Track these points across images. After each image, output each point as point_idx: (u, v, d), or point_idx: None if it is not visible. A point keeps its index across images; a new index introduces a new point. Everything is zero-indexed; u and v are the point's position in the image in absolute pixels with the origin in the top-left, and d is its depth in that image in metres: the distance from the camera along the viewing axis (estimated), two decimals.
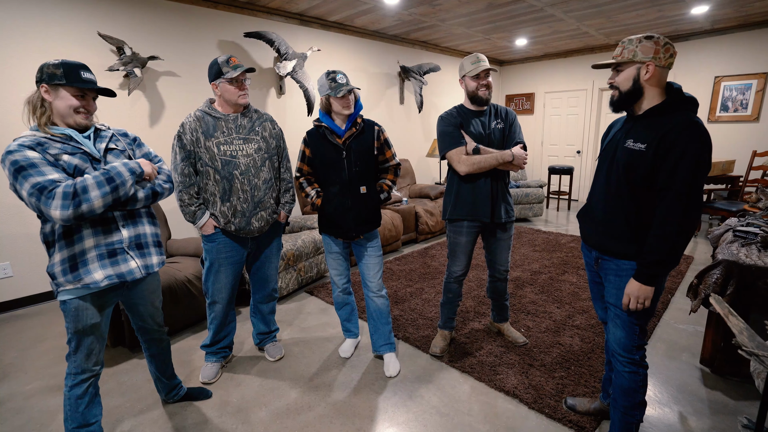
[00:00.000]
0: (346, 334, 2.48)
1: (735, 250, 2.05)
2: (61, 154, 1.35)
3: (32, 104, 1.37)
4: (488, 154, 2.04)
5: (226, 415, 1.91)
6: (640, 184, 1.35)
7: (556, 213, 6.27)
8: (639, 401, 1.49)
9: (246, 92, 1.96)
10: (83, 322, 1.45)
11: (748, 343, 1.24)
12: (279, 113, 4.43)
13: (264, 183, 2.04)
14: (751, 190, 5.08)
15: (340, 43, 4.85)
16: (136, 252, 1.52)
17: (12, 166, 1.26)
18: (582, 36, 5.46)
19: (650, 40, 1.31)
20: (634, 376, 1.47)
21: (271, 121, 2.12)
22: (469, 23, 4.75)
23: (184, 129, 1.92)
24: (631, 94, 1.38)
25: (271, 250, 2.23)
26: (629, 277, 1.42)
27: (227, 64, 1.89)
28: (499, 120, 2.14)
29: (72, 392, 1.49)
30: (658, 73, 1.33)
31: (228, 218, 1.99)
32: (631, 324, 1.44)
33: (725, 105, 5.34)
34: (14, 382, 2.18)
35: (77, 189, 1.29)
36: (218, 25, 3.81)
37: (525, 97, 7.34)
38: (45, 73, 1.34)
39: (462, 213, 2.15)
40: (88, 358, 1.50)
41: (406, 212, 4.52)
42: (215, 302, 2.12)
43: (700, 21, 4.80)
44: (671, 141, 1.26)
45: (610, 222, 1.46)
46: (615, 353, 1.50)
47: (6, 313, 3.03)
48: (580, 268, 3.72)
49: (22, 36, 2.88)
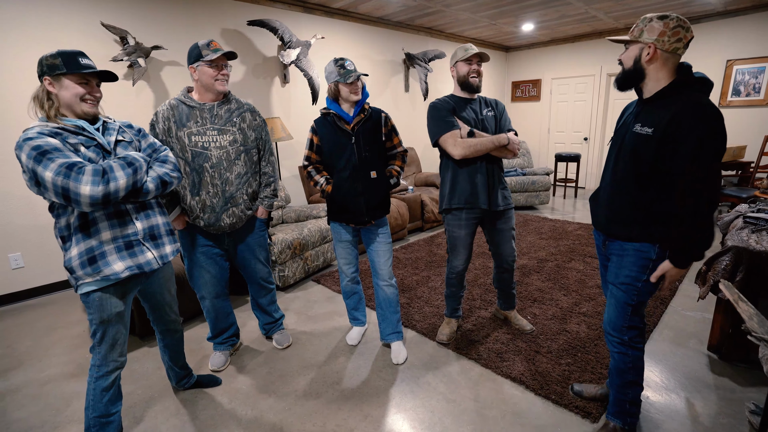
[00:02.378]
0: (353, 322, 2.49)
1: (745, 237, 2.02)
2: (79, 145, 1.36)
3: (39, 99, 1.36)
4: (484, 138, 2.04)
5: (236, 401, 1.95)
6: (645, 168, 1.34)
7: (563, 200, 6.23)
8: (629, 381, 1.52)
9: (224, 78, 1.88)
10: (108, 311, 1.47)
11: (758, 328, 1.23)
12: (283, 102, 4.41)
13: (237, 177, 1.94)
14: (762, 176, 5.00)
15: (344, 30, 4.79)
16: (150, 243, 1.54)
17: (34, 150, 1.24)
18: (590, 20, 5.35)
19: (662, 20, 1.27)
20: (623, 357, 1.50)
21: (251, 112, 2.02)
22: (475, 8, 4.67)
23: (156, 118, 1.87)
24: (631, 74, 1.36)
25: (251, 244, 2.14)
26: (630, 257, 1.43)
27: (207, 47, 1.82)
28: (490, 108, 2.16)
29: (97, 384, 1.52)
30: (659, 57, 1.29)
31: (196, 213, 1.92)
32: (625, 304, 1.45)
33: (737, 89, 5.23)
34: (30, 369, 2.24)
35: (105, 168, 1.31)
36: (221, 13, 3.78)
37: (531, 83, 7.23)
38: (45, 65, 1.33)
39: (460, 201, 2.12)
40: (113, 348, 1.52)
41: (412, 200, 4.52)
42: (203, 297, 2.12)
43: (712, 2, 4.67)
44: (678, 125, 1.23)
45: (615, 205, 1.46)
46: (606, 331, 1.54)
47: (19, 303, 3.08)
48: (586, 255, 3.70)
49: (24, 26, 2.87)
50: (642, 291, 1.43)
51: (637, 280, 1.43)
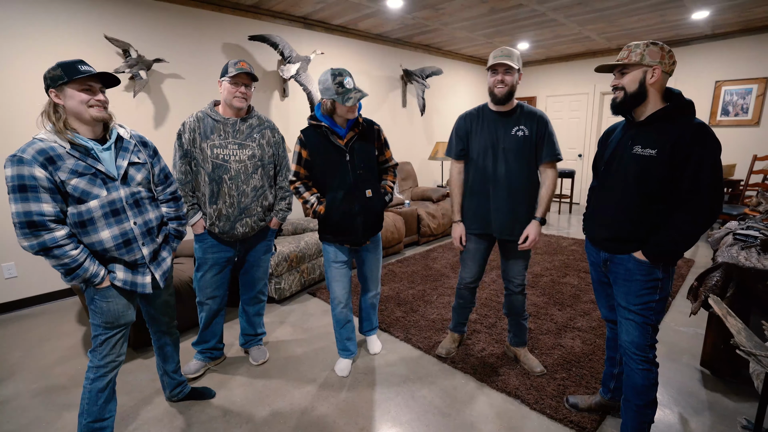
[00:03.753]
0: (343, 353, 2.25)
1: (735, 253, 2.07)
2: (71, 179, 1.35)
3: (47, 113, 1.38)
4: (453, 204, 2.12)
5: (230, 414, 1.93)
6: (650, 188, 1.40)
7: (558, 216, 6.29)
8: (652, 399, 1.52)
9: (242, 96, 1.94)
10: (112, 312, 1.50)
11: (746, 343, 1.26)
12: (282, 116, 4.46)
13: (253, 190, 2.03)
14: (751, 194, 5.09)
15: (343, 46, 4.89)
16: (153, 264, 1.59)
17: (14, 180, 1.28)
18: (584, 40, 5.50)
19: (656, 46, 1.38)
20: (648, 374, 1.50)
21: (272, 129, 2.11)
22: (472, 27, 4.79)
23: (183, 128, 1.97)
24: (636, 96, 1.42)
25: (259, 253, 2.23)
26: (638, 283, 1.46)
27: (234, 65, 1.93)
28: (523, 127, 1.90)
29: (93, 385, 1.52)
30: (661, 78, 1.38)
31: (213, 221, 2.02)
32: (644, 324, 1.48)
33: (726, 109, 5.36)
34: (20, 381, 2.21)
35: (50, 246, 1.33)
36: (223, 28, 3.85)
37: (527, 101, 7.37)
38: (48, 78, 1.36)
39: (467, 221, 2.10)
40: (114, 348, 1.54)
41: (408, 215, 4.55)
42: (202, 302, 2.15)
43: (700, 26, 4.83)
44: (686, 147, 1.32)
45: (618, 225, 1.50)
46: (629, 352, 1.52)
47: (11, 313, 3.05)
48: (581, 270, 3.73)
49: (29, 38, 2.91)
50: (657, 310, 1.48)
51: (651, 302, 1.47)
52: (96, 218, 1.40)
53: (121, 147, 1.51)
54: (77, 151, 1.38)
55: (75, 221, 1.38)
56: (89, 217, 1.39)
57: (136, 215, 1.51)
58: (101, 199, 1.41)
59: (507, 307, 2.20)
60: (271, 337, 2.65)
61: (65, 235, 1.35)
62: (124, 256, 1.48)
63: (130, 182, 1.51)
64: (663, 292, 1.46)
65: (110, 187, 1.44)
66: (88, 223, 1.39)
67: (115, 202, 1.45)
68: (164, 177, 1.69)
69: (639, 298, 1.47)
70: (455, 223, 2.12)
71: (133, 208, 1.50)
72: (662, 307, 1.49)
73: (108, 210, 1.43)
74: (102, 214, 1.41)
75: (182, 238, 1.75)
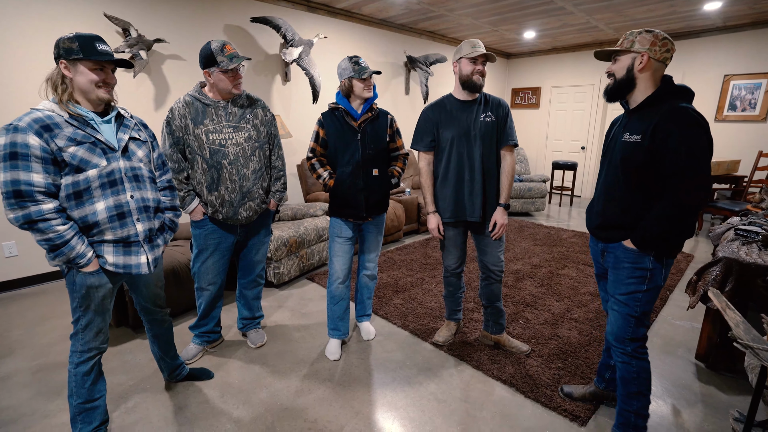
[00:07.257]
0: (333, 333, 2.29)
1: (735, 248, 2.06)
2: (68, 146, 1.31)
3: (53, 81, 1.34)
4: (426, 197, 2.15)
5: (228, 395, 1.95)
6: (634, 174, 1.39)
7: (558, 208, 6.27)
8: (634, 391, 1.52)
9: (241, 81, 1.90)
10: (93, 299, 1.45)
11: (744, 336, 1.26)
12: (284, 100, 4.42)
13: (253, 173, 2.01)
14: (755, 190, 5.07)
15: (346, 30, 4.81)
16: (148, 245, 1.54)
17: (6, 149, 1.24)
18: (591, 30, 5.41)
19: (650, 33, 1.36)
20: (627, 366, 1.51)
21: (263, 108, 2.07)
22: (477, 14, 4.71)
23: (173, 114, 1.88)
24: (623, 83, 1.42)
25: (260, 237, 2.23)
26: (626, 270, 1.46)
27: (222, 52, 1.81)
28: (490, 112, 2.02)
29: (78, 369, 1.51)
30: (651, 66, 1.36)
31: (216, 207, 1.98)
32: (627, 316, 1.47)
33: (733, 104, 5.30)
34: (20, 358, 2.23)
35: (35, 219, 1.28)
36: (225, 9, 3.79)
37: (531, 91, 7.29)
38: (61, 48, 1.31)
39: (441, 211, 2.14)
40: (96, 335, 1.51)
41: (408, 203, 4.54)
42: (202, 288, 2.14)
43: (712, 18, 4.74)
44: (661, 130, 1.29)
45: (607, 211, 1.51)
46: (610, 342, 1.55)
47: (11, 292, 3.07)
48: (580, 263, 3.74)
49: (26, 16, 2.87)
50: (643, 301, 1.45)
51: (637, 292, 1.45)
52: (93, 188, 1.36)
53: (122, 123, 1.49)
54: (76, 120, 1.35)
55: (70, 192, 1.33)
56: (86, 186, 1.35)
57: (134, 189, 1.47)
58: (100, 169, 1.37)
59: (486, 296, 2.22)
60: (269, 320, 2.67)
61: (53, 209, 1.30)
62: (117, 230, 1.43)
63: (131, 156, 1.48)
64: (651, 284, 1.43)
65: (110, 157, 1.41)
66: (84, 193, 1.35)
67: (114, 173, 1.41)
68: (161, 163, 1.66)
69: (625, 286, 1.47)
70: (431, 214, 2.15)
71: (132, 182, 1.47)
72: (649, 299, 1.45)
73: (106, 180, 1.39)
74: (99, 184, 1.38)
75: (175, 231, 1.71)
